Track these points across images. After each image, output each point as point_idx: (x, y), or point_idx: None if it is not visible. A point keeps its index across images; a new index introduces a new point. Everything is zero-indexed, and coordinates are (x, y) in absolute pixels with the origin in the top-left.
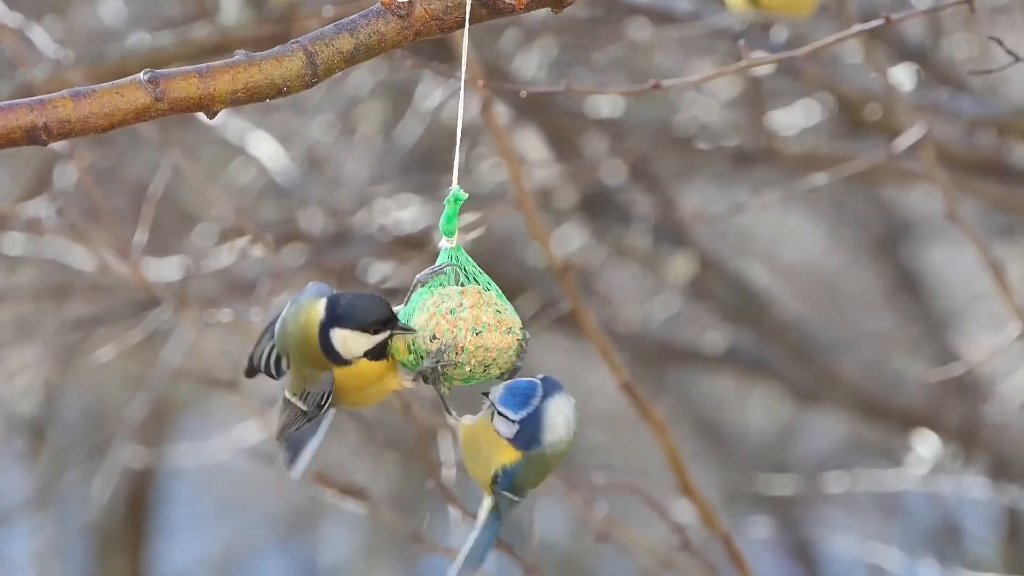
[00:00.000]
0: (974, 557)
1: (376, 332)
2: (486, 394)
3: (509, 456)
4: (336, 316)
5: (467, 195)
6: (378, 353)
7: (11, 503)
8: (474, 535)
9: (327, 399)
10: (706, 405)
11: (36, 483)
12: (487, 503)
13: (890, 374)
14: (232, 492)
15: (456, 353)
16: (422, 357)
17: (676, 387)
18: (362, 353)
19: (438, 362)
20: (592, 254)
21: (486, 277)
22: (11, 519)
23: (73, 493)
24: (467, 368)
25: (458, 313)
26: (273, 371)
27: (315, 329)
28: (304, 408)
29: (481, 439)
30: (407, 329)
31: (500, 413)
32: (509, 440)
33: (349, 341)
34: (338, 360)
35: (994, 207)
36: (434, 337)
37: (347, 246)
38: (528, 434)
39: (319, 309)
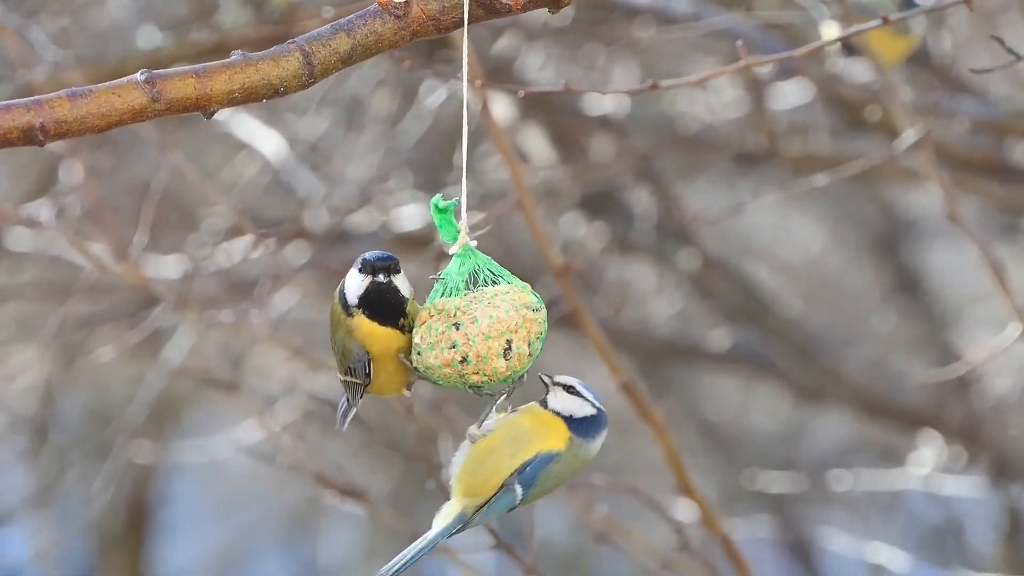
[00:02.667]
0: (975, 556)
1: (367, 273)
2: (546, 376)
3: (555, 441)
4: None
5: (449, 201)
6: (379, 311)
7: (12, 502)
8: (420, 544)
9: (369, 365)
10: (709, 404)
11: (37, 482)
12: (451, 509)
13: (892, 374)
14: (232, 492)
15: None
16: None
17: (679, 386)
18: (357, 297)
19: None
20: (595, 252)
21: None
22: (12, 518)
23: (74, 492)
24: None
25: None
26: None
27: (339, 287)
28: (358, 380)
29: (522, 426)
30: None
31: (576, 392)
32: (567, 420)
33: (349, 282)
34: (347, 308)
35: (994, 207)
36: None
37: (349, 244)
38: (591, 424)
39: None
